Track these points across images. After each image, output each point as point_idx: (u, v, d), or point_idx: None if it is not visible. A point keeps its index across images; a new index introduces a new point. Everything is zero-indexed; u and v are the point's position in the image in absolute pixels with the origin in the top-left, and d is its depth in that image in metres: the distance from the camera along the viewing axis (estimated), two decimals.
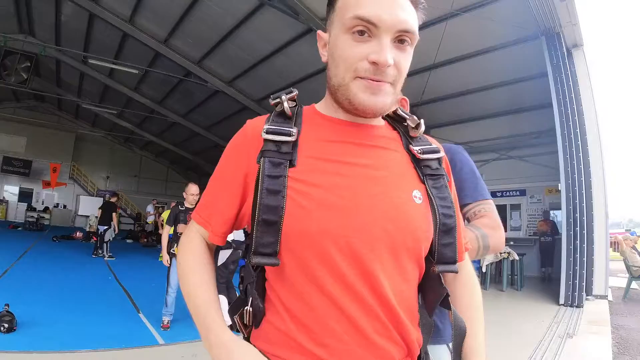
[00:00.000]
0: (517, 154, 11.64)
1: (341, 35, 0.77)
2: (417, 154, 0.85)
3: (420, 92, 9.29)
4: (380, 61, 0.72)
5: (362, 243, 0.73)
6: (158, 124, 18.60)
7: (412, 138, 0.89)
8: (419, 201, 0.80)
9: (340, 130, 0.84)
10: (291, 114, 0.84)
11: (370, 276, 0.73)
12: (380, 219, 0.75)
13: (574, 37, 7.83)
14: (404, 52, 0.77)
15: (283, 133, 0.79)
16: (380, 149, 0.84)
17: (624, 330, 6.00)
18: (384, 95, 0.77)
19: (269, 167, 0.76)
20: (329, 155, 0.80)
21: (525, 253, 9.72)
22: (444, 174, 0.87)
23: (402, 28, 0.74)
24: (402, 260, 0.76)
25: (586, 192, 7.25)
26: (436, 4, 7.24)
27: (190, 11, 9.46)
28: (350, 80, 0.77)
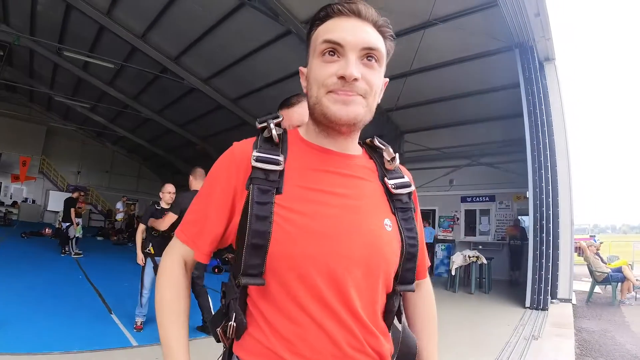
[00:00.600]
0: (487, 160, 11.89)
1: (314, 60, 0.86)
2: (391, 188, 0.92)
3: (395, 97, 9.44)
4: (347, 74, 0.80)
5: (340, 266, 0.80)
6: (132, 120, 18.22)
7: (387, 170, 0.96)
8: (389, 229, 0.88)
9: (323, 159, 0.89)
10: (278, 141, 0.88)
11: (345, 295, 0.80)
12: (357, 245, 0.82)
13: (547, 51, 8.11)
14: (371, 69, 0.84)
15: (271, 162, 0.84)
16: (358, 179, 0.91)
17: (586, 332, 6.18)
18: (355, 105, 0.82)
19: (257, 194, 0.81)
20: (313, 184, 0.85)
21: (493, 257, 9.93)
22: (412, 207, 0.95)
23: (365, 45, 0.82)
24: (374, 280, 0.84)
25: (553, 200, 7.47)
26: (415, 12, 7.41)
27: (170, 7, 9.31)
28: (323, 95, 0.83)
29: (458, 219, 13.01)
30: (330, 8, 0.86)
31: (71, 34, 11.75)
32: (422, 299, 1.07)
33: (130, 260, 5.73)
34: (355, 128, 0.88)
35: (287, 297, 0.80)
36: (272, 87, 11.25)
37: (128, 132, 20.81)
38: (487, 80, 9.58)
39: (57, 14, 10.80)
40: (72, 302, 5.92)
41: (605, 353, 5.23)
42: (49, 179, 22.76)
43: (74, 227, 10.90)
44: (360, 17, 0.85)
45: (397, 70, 9.13)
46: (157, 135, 19.72)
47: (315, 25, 0.89)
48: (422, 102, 11.13)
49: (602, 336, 6.03)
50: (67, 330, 4.56)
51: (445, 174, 12.78)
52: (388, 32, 0.89)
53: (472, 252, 9.10)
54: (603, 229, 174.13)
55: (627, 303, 8.71)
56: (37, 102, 20.90)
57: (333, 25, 0.85)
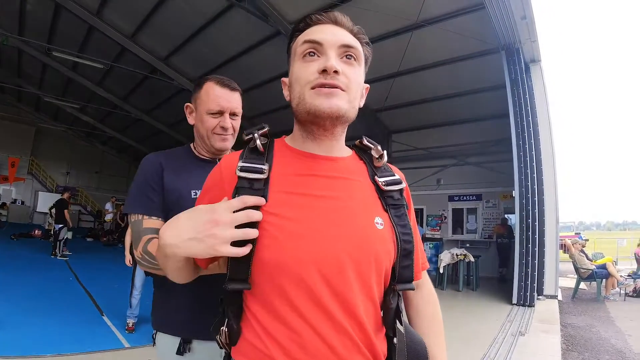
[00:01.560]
0: (474, 160, 12.01)
1: (295, 64, 0.91)
2: (382, 185, 0.94)
3: (383, 98, 9.52)
4: (327, 66, 0.84)
5: (331, 268, 0.80)
6: (121, 120, 18.08)
7: (377, 168, 0.98)
8: (381, 227, 0.88)
9: (309, 164, 0.91)
10: (263, 150, 0.91)
11: (339, 297, 0.80)
12: (345, 246, 0.82)
13: (533, 53, 8.24)
14: (351, 66, 0.89)
15: (255, 171, 0.86)
16: (345, 180, 0.92)
17: (572, 328, 6.35)
18: (337, 99, 0.85)
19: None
20: (299, 188, 0.87)
21: (480, 255, 10.11)
22: (404, 203, 0.95)
23: (343, 43, 0.88)
24: (367, 280, 0.84)
25: (538, 198, 7.57)
26: (403, 14, 7.49)
27: (160, 7, 9.27)
28: (306, 92, 0.86)
29: (446, 218, 13.10)
30: (308, 18, 0.92)
31: (60, 34, 11.65)
32: (424, 300, 1.07)
33: (120, 261, 5.72)
34: (338, 123, 0.89)
35: (280, 301, 0.80)
36: (261, 88, 11.24)
37: (117, 132, 20.66)
38: (474, 82, 9.67)
39: (46, 13, 10.70)
40: (63, 304, 5.92)
41: (591, 348, 5.36)
42: (38, 180, 22.51)
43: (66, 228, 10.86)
44: (337, 24, 0.90)
45: (385, 71, 9.22)
46: (146, 136, 19.60)
47: (295, 36, 0.93)
48: (410, 102, 11.21)
49: (587, 331, 6.18)
50: (58, 333, 4.57)
51: (432, 174, 12.88)
52: (364, 39, 0.94)
53: (460, 251, 9.20)
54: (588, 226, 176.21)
55: (611, 299, 8.91)
56: (26, 102, 20.63)
57: (312, 31, 0.90)
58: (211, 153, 1.57)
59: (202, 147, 1.57)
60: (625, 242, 17.67)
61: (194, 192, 1.41)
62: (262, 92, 11.13)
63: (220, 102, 1.50)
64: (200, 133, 1.54)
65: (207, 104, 1.50)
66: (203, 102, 1.51)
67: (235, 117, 1.55)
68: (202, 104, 1.52)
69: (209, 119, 1.50)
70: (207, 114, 1.50)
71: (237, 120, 1.57)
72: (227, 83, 1.53)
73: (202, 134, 1.54)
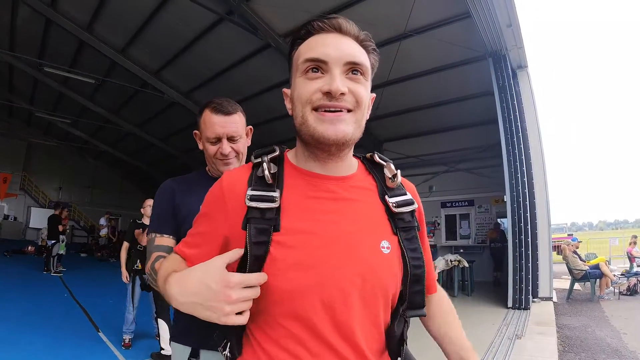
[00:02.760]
0: (465, 166, 12.08)
1: (297, 79, 0.84)
2: (392, 207, 0.89)
3: (374, 107, 9.60)
4: (332, 89, 0.78)
5: (334, 297, 0.79)
6: (113, 134, 18.03)
7: (388, 187, 0.93)
8: (387, 251, 0.85)
9: (315, 186, 0.87)
10: (272, 182, 0.85)
11: (342, 326, 0.79)
12: (349, 274, 0.80)
13: (519, 59, 8.37)
14: (358, 83, 0.82)
15: (267, 200, 0.82)
16: (352, 201, 0.88)
17: (568, 329, 6.39)
18: (344, 124, 0.80)
19: (255, 234, 0.79)
20: (306, 213, 0.84)
21: (474, 260, 10.13)
22: (415, 225, 0.92)
23: (349, 60, 0.81)
24: (372, 307, 0.82)
25: (530, 202, 7.65)
26: (391, 24, 7.60)
27: (150, 22, 9.32)
28: (309, 114, 0.81)
29: (439, 224, 13.16)
30: (310, 25, 0.85)
31: (51, 49, 11.64)
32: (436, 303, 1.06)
33: (115, 277, 5.70)
34: (344, 147, 0.86)
35: (280, 329, 0.80)
36: (252, 100, 11.30)
37: (109, 146, 20.59)
38: (462, 89, 9.80)
39: (37, 28, 10.71)
40: (59, 321, 5.90)
41: (587, 348, 5.40)
42: (30, 196, 22.29)
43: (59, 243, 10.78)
44: (342, 31, 0.84)
45: (375, 81, 9.08)
46: (138, 150, 19.54)
47: (297, 44, 0.87)
48: (401, 111, 11.30)
49: (583, 331, 6.22)
50: (54, 350, 4.56)
51: (424, 181, 12.95)
52: (371, 46, 0.88)
53: (454, 256, 9.24)
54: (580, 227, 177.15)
55: (605, 298, 8.99)
56: (17, 117, 20.49)
57: (314, 42, 0.83)
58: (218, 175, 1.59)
59: (213, 171, 1.65)
60: (618, 242, 17.79)
61: None
62: (254, 104, 11.18)
63: (216, 130, 1.53)
64: (207, 158, 1.62)
65: (205, 131, 1.56)
66: (202, 130, 1.58)
67: (235, 140, 1.57)
68: (203, 131, 1.59)
69: (209, 146, 1.57)
70: (207, 142, 1.57)
71: (240, 141, 1.60)
72: (221, 108, 1.55)
73: (208, 160, 1.62)
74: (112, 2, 9.03)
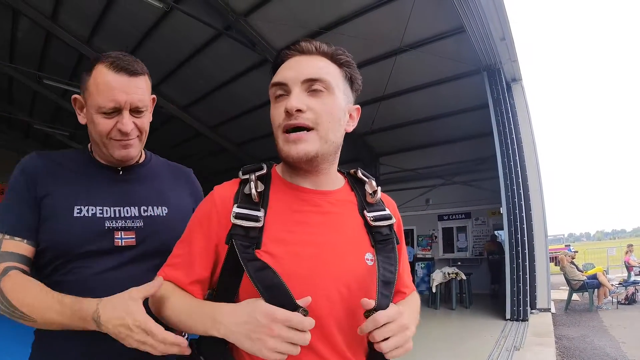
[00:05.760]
0: (461, 179, 12.09)
1: (271, 106, 0.91)
2: (370, 221, 0.93)
3: (370, 121, 9.70)
4: (287, 107, 0.83)
5: (321, 308, 0.82)
6: None
7: (368, 203, 0.97)
8: (370, 263, 0.89)
9: (300, 200, 0.92)
10: (258, 200, 0.88)
11: (328, 335, 0.84)
12: (335, 284, 0.85)
13: (513, 73, 8.49)
14: (319, 98, 0.86)
15: (251, 219, 0.85)
16: (336, 214, 0.92)
17: (566, 339, 6.38)
18: (305, 144, 0.85)
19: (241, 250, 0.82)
20: (291, 227, 0.87)
21: (472, 272, 10.14)
22: (392, 237, 0.96)
23: (305, 78, 0.85)
24: (357, 316, 0.83)
25: (526, 214, 7.68)
26: (386, 40, 7.72)
27: (148, 36, 9.40)
28: (279, 136, 0.87)
29: (436, 237, 13.12)
30: (279, 55, 0.93)
31: (51, 61, 11.69)
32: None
33: None
34: (317, 163, 0.89)
35: None
36: (249, 114, 11.35)
37: None
38: (458, 102, 9.90)
39: (37, 41, 10.77)
40: None
41: (586, 358, 5.41)
42: None
43: None
44: (304, 52, 0.90)
45: (371, 95, 9.42)
46: None
47: (273, 73, 0.93)
48: (397, 125, 11.40)
49: (581, 342, 6.21)
50: None
51: (421, 194, 12.95)
52: (343, 59, 0.92)
53: (451, 269, 9.25)
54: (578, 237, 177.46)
55: (604, 308, 8.98)
56: (16, 129, 20.45)
57: (281, 68, 0.90)
58: (111, 162, 1.18)
59: (99, 154, 1.18)
60: (615, 251, 17.81)
61: (78, 208, 1.08)
62: (252, 118, 11.25)
63: (115, 96, 1.04)
64: (93, 138, 1.13)
65: (97, 98, 1.05)
66: (91, 95, 1.06)
67: (140, 114, 1.11)
68: (91, 97, 1.06)
69: (100, 119, 1.06)
70: (97, 113, 1.06)
71: (145, 115, 1.14)
72: (125, 66, 1.07)
73: (95, 139, 1.13)
74: (111, 16, 9.10)
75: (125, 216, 1.14)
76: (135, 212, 1.17)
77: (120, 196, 1.17)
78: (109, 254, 1.10)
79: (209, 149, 14.68)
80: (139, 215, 1.17)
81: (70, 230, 1.06)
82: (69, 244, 1.06)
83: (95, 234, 1.09)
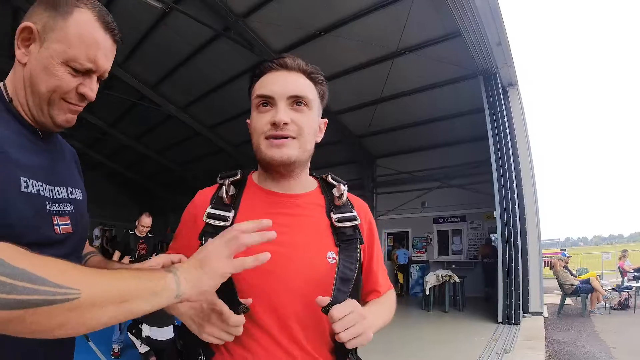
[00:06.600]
0: (457, 182, 12.10)
1: (253, 113, 1.00)
2: (335, 222, 1.00)
3: (367, 124, 9.75)
4: (276, 120, 0.92)
5: (281, 300, 0.92)
6: (109, 146, 18.04)
7: (336, 205, 1.04)
8: (333, 261, 0.96)
9: (270, 202, 1.01)
10: (229, 202, 0.99)
11: (287, 327, 0.92)
12: (296, 280, 0.93)
13: (509, 77, 8.54)
14: (301, 113, 0.96)
15: (220, 218, 0.96)
16: (303, 216, 1.01)
17: (557, 343, 6.40)
18: (288, 148, 0.94)
19: None
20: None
21: (466, 275, 10.17)
22: (357, 238, 1.02)
23: (291, 94, 0.95)
24: (316, 310, 0.89)
25: (520, 218, 7.73)
26: (383, 43, 7.77)
27: (148, 36, 9.44)
28: (261, 142, 0.96)
29: (431, 240, 13.12)
30: (262, 66, 1.01)
31: None
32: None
33: None
34: (293, 167, 0.99)
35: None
36: (247, 115, 11.43)
37: (105, 158, 20.58)
38: (454, 106, 9.96)
39: None
40: None
41: None
42: None
43: None
44: (288, 68, 0.98)
45: (368, 98, 9.50)
46: (134, 162, 19.54)
47: (254, 81, 1.02)
48: (393, 127, 11.48)
49: (572, 346, 6.22)
50: None
51: (417, 197, 12.95)
52: (318, 78, 1.02)
53: (445, 272, 9.29)
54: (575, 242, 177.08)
55: (597, 313, 8.99)
56: None
57: (265, 80, 0.98)
58: (42, 124, 0.92)
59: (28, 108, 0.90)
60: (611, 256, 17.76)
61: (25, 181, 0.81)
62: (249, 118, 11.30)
63: (98, 58, 0.90)
64: (38, 89, 0.87)
65: (75, 50, 0.86)
66: (65, 42, 0.85)
67: (98, 82, 0.97)
68: (61, 43, 0.85)
69: (65, 74, 0.86)
70: (63, 65, 0.86)
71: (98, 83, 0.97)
72: (113, 27, 0.93)
73: (40, 91, 0.87)
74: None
75: (57, 197, 0.91)
76: (64, 193, 0.95)
77: (49, 171, 0.92)
78: (50, 245, 0.85)
79: (207, 149, 14.75)
80: (67, 197, 0.96)
81: (17, 210, 0.76)
82: (13, 231, 0.75)
83: (40, 218, 0.84)
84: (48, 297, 0.56)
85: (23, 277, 0.56)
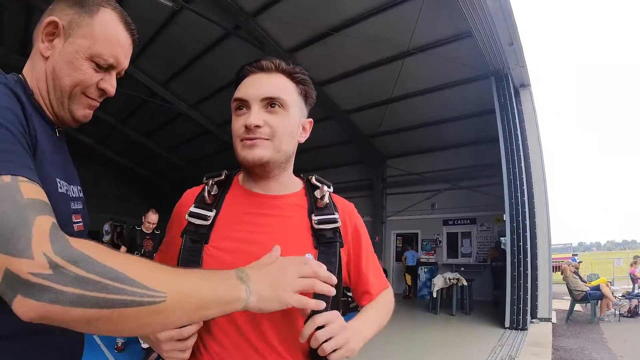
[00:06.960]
0: (467, 184, 12.03)
1: (232, 116, 1.01)
2: (314, 224, 1.00)
3: (377, 124, 9.70)
4: (247, 123, 0.94)
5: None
6: (119, 142, 18.23)
7: (317, 207, 1.04)
8: None
9: (251, 202, 1.02)
10: (210, 201, 1.01)
11: (258, 326, 0.91)
12: None
13: (521, 78, 8.43)
14: (275, 115, 0.96)
15: (201, 217, 0.98)
16: (283, 217, 1.01)
17: (564, 350, 6.31)
18: (260, 149, 0.95)
19: (188, 244, 0.96)
20: (240, 226, 0.98)
21: (474, 279, 10.11)
22: (337, 240, 1.01)
23: (264, 96, 0.96)
24: (292, 314, 0.91)
25: (530, 221, 7.64)
26: (394, 43, 7.73)
27: (159, 34, 9.50)
28: (237, 143, 0.97)
29: (440, 242, 13.06)
30: (241, 71, 1.03)
31: None
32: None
33: None
34: (268, 169, 0.99)
35: (216, 328, 0.92)
36: None
37: (115, 154, 20.78)
38: (465, 107, 9.89)
39: None
40: None
41: None
42: None
43: None
44: (265, 70, 1.00)
45: (378, 97, 9.44)
46: (144, 158, 19.71)
47: (236, 86, 1.03)
48: (404, 128, 11.43)
49: (579, 354, 6.15)
50: None
51: (427, 198, 12.91)
52: (300, 77, 1.03)
53: (453, 275, 9.24)
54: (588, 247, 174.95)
55: (606, 320, 8.86)
56: None
57: (243, 84, 1.00)
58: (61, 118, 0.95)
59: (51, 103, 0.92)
60: (623, 262, 17.53)
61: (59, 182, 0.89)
62: None
63: (120, 56, 0.95)
64: (61, 83, 0.90)
65: (100, 46, 0.90)
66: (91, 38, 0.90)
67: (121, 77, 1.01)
68: (86, 39, 0.89)
69: (88, 69, 0.90)
70: (87, 59, 0.90)
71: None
72: (133, 28, 0.98)
73: (63, 85, 0.90)
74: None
75: (73, 196, 0.96)
76: (76, 191, 0.99)
77: (66, 168, 0.97)
78: None
79: (216, 147, 14.82)
80: (78, 196, 1.00)
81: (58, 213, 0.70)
82: None
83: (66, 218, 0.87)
84: (136, 299, 0.59)
85: (112, 276, 0.58)
